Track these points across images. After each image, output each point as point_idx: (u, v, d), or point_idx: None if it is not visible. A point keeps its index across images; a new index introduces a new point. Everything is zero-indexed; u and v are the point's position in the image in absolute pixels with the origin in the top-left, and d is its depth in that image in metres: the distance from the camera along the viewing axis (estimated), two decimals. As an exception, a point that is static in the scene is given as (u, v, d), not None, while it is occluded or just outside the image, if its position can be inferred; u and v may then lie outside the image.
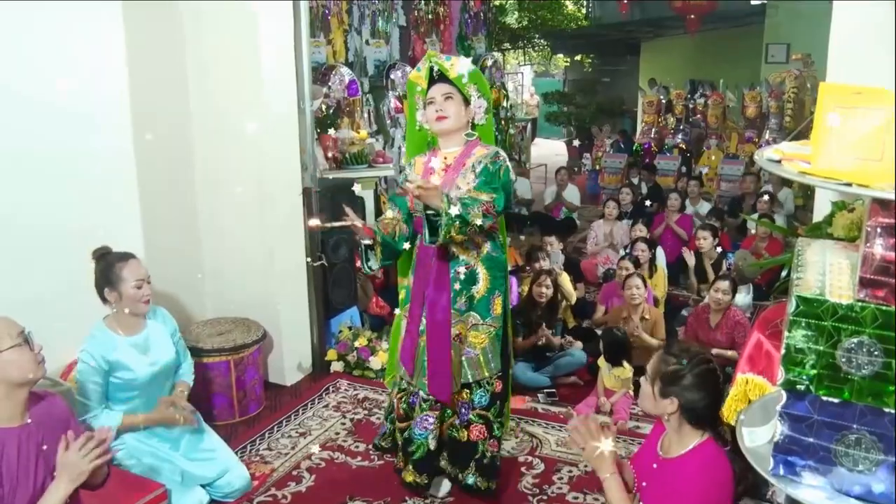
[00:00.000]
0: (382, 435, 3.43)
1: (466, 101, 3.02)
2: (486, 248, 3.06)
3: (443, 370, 3.00)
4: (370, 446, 3.66)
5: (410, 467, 3.14)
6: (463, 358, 3.06)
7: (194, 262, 4.37)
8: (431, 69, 3.01)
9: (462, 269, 3.03)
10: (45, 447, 2.16)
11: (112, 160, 3.64)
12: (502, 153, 3.02)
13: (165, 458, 3.10)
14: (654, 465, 2.25)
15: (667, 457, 2.22)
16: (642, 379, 2.26)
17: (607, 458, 2.17)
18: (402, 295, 3.28)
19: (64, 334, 3.27)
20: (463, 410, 3.14)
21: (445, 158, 3.05)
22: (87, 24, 3.47)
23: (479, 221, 2.79)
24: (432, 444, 3.11)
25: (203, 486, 3.16)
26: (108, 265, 3.01)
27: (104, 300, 3.04)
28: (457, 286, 3.02)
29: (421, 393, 3.09)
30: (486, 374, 3.09)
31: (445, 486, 3.29)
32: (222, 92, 4.15)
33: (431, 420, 3.10)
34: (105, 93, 3.57)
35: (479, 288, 3.05)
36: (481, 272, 3.06)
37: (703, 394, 2.13)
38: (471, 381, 3.09)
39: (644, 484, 2.26)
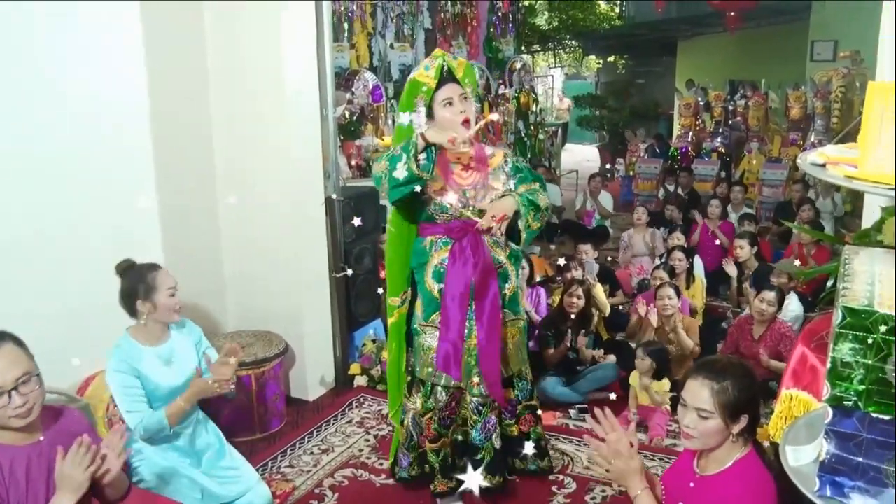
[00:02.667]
0: (409, 466, 3.34)
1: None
2: (510, 243, 3.20)
3: (494, 367, 3.13)
4: (393, 475, 3.52)
5: (484, 472, 3.20)
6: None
7: (215, 274, 4.42)
8: (441, 68, 3.04)
9: (497, 269, 3.14)
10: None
11: (131, 168, 3.70)
12: (510, 151, 3.26)
13: (185, 473, 3.12)
14: (692, 485, 2.21)
15: (705, 474, 2.19)
16: (690, 420, 2.12)
17: (637, 474, 2.14)
18: (418, 306, 3.22)
19: (81, 349, 3.33)
20: (510, 408, 3.32)
21: (459, 158, 3.08)
22: (106, 30, 3.54)
23: (548, 203, 3.13)
24: (498, 443, 3.23)
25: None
26: (139, 276, 3.04)
27: (133, 313, 3.05)
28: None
29: (475, 398, 3.17)
30: (521, 366, 3.31)
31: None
32: (244, 97, 4.19)
33: (493, 420, 3.22)
34: (124, 98, 3.64)
35: (511, 285, 3.23)
36: (510, 269, 3.22)
37: (758, 395, 2.15)
38: (506, 376, 3.24)
39: None
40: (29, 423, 2.13)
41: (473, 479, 3.20)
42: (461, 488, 3.27)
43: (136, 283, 3.03)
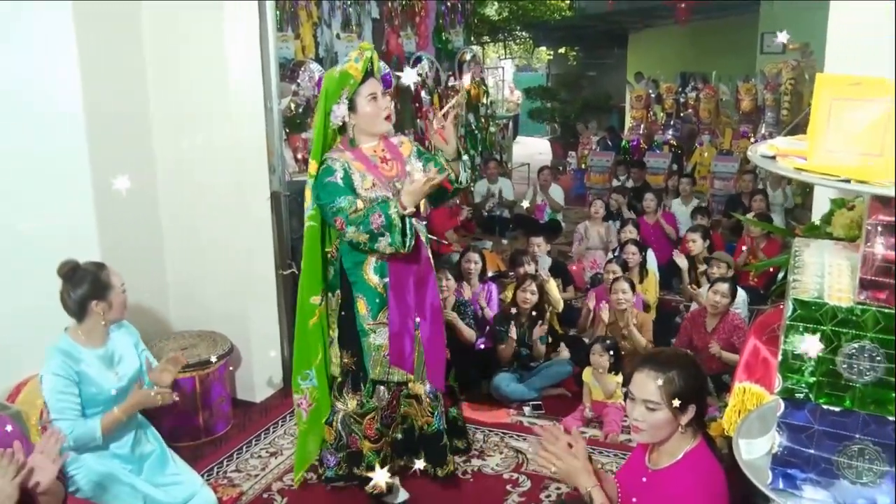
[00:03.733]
0: (336, 466, 3.35)
1: None
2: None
3: (441, 355, 3.30)
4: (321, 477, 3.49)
5: (450, 457, 3.39)
6: None
7: (157, 272, 4.33)
8: (368, 62, 3.11)
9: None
10: None
11: (64, 165, 3.61)
12: (409, 138, 3.42)
13: (126, 481, 3.05)
14: (644, 479, 2.25)
15: (657, 468, 2.23)
16: (639, 413, 2.16)
17: (583, 472, 2.17)
18: (362, 306, 3.19)
19: (12, 353, 3.24)
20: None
21: (375, 152, 3.18)
22: (37, 21, 3.43)
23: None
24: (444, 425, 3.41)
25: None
26: (93, 276, 2.95)
27: (83, 315, 2.96)
28: None
29: (428, 386, 3.28)
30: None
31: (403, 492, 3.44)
32: (184, 90, 4.11)
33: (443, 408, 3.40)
34: (56, 92, 3.55)
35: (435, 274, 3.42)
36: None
37: (704, 385, 2.22)
38: None
39: (634, 500, 2.25)
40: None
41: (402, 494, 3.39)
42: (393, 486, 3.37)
43: (88, 283, 2.94)
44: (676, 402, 2.10)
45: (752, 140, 9.51)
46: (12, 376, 3.42)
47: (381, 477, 3.11)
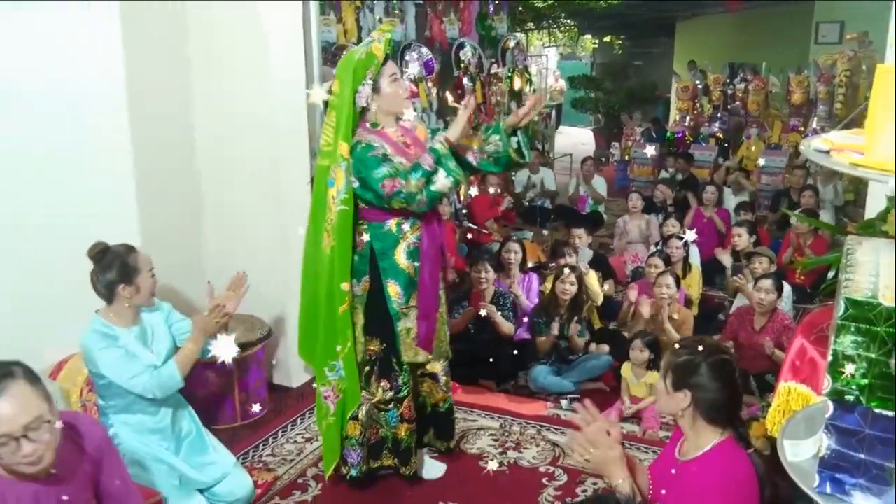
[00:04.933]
0: (360, 463, 3.36)
1: None
2: None
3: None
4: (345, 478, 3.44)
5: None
6: None
7: (196, 255, 4.39)
8: (389, 43, 3.14)
9: None
10: (65, 498, 2.03)
11: (107, 149, 3.66)
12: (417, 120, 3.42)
13: (164, 459, 3.11)
14: (673, 471, 2.25)
15: (685, 459, 2.24)
16: (658, 377, 2.31)
17: (617, 464, 2.17)
18: (394, 291, 3.19)
19: (55, 332, 3.30)
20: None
21: (399, 136, 3.19)
22: (82, 3, 3.48)
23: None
24: None
25: (202, 492, 3.17)
26: (121, 260, 2.99)
27: (111, 297, 3.01)
28: None
29: (442, 363, 3.43)
30: None
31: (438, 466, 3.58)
32: (227, 74, 4.15)
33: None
34: (100, 75, 3.59)
35: None
36: None
37: (718, 385, 2.17)
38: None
39: (663, 492, 2.26)
40: (40, 469, 1.96)
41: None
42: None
43: (116, 267, 2.99)
44: (670, 377, 2.20)
45: (804, 134, 9.34)
46: (55, 353, 3.49)
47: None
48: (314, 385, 3.37)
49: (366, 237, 3.19)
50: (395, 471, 3.41)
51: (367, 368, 3.31)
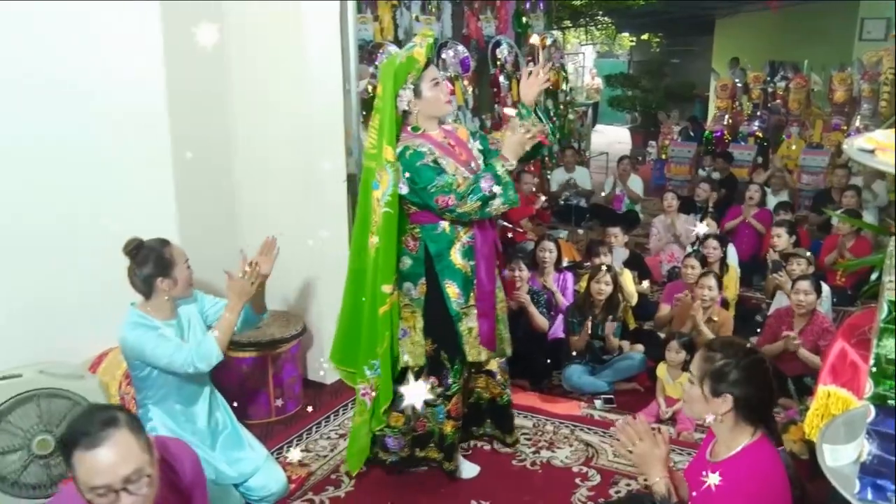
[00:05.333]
0: (400, 450, 3.42)
1: None
2: None
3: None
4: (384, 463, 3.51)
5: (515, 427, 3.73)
6: None
7: (233, 252, 4.42)
8: (430, 48, 3.18)
9: None
10: None
11: (146, 144, 3.72)
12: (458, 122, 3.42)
13: (201, 455, 3.14)
14: (704, 473, 2.23)
15: (715, 461, 2.22)
16: (686, 383, 2.28)
17: (660, 462, 2.16)
18: (453, 292, 3.22)
19: (93, 325, 3.37)
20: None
21: (444, 138, 3.22)
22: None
23: None
24: None
25: (236, 486, 3.21)
26: (157, 253, 3.03)
27: (150, 292, 3.05)
28: None
29: (501, 361, 3.49)
30: None
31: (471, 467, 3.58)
32: (264, 70, 4.19)
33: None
34: (139, 72, 3.65)
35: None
36: None
37: (756, 386, 2.17)
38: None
39: (694, 494, 2.24)
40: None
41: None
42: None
43: (152, 261, 3.02)
44: (708, 383, 2.15)
45: (846, 133, 9.17)
46: (95, 347, 3.55)
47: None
48: (348, 382, 3.44)
49: (418, 240, 3.21)
50: (439, 465, 3.44)
51: (417, 369, 3.33)
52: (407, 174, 3.06)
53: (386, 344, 3.23)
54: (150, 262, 3.02)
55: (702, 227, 5.53)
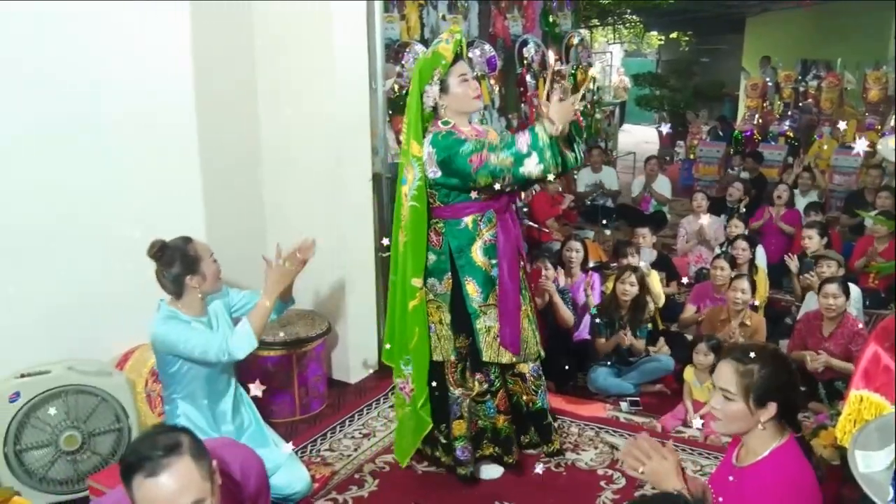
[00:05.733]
0: (468, 461, 3.38)
1: None
2: None
3: (541, 325, 3.55)
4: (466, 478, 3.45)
5: (555, 435, 3.56)
6: None
7: (258, 250, 4.45)
8: (459, 44, 3.18)
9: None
10: None
11: (175, 143, 3.74)
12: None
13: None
14: (730, 478, 2.21)
15: (742, 465, 2.19)
16: (716, 401, 2.17)
17: (671, 474, 2.12)
18: (472, 289, 3.23)
19: (121, 323, 3.40)
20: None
21: (474, 135, 3.20)
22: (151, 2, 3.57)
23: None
24: None
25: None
26: (181, 252, 3.05)
27: (181, 291, 3.07)
28: None
29: (532, 365, 3.39)
30: None
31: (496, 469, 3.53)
32: (291, 69, 4.21)
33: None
34: (167, 70, 3.67)
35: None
36: None
37: (794, 387, 2.16)
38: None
39: (720, 499, 2.21)
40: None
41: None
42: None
43: (178, 260, 3.04)
44: (753, 397, 2.08)
45: (880, 133, 9.03)
46: (122, 344, 3.59)
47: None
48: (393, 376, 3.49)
49: (441, 235, 3.22)
50: (498, 459, 3.46)
51: (461, 365, 3.34)
52: (436, 152, 3.08)
53: (416, 339, 3.24)
54: (177, 262, 3.04)
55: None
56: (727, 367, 2.15)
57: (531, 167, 2.94)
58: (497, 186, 3.04)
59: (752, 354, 2.13)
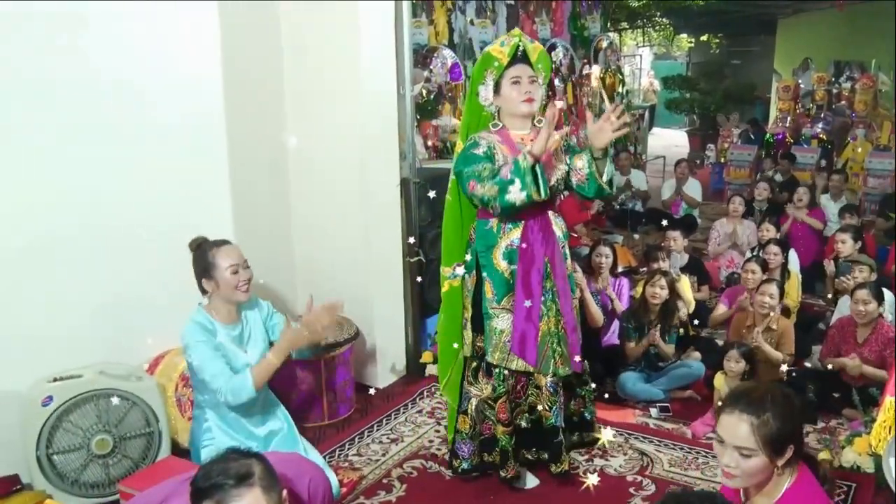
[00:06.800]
0: (470, 457, 3.43)
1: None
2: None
3: (576, 342, 3.32)
4: (457, 471, 3.52)
5: (565, 455, 3.37)
6: None
7: (286, 255, 4.48)
8: (516, 48, 3.18)
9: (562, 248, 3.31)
10: None
11: (204, 146, 3.79)
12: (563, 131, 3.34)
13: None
14: None
15: None
16: (730, 458, 2.03)
17: None
18: (488, 290, 3.25)
19: (153, 327, 3.44)
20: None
21: (522, 139, 3.21)
22: (181, 7, 3.61)
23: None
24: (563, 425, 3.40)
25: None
26: (202, 255, 3.11)
27: (203, 291, 3.14)
28: None
29: (551, 379, 3.27)
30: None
31: (533, 479, 3.47)
32: (319, 74, 4.22)
33: (563, 400, 3.39)
34: (197, 73, 3.72)
35: (568, 264, 3.37)
36: (566, 247, 3.37)
37: (801, 417, 2.12)
38: None
39: None
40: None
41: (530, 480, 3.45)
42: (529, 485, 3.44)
43: (200, 260, 3.11)
44: (772, 448, 1.97)
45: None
46: (153, 349, 3.63)
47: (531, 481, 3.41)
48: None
49: (474, 233, 3.32)
50: (496, 471, 3.43)
51: (475, 364, 3.37)
52: (454, 161, 3.23)
53: (441, 323, 3.48)
54: (196, 262, 3.12)
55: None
56: (740, 423, 2.00)
57: (515, 194, 2.96)
58: (491, 212, 3.16)
59: (762, 402, 2.01)
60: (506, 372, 3.27)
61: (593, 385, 3.67)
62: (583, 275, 4.68)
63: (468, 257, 3.32)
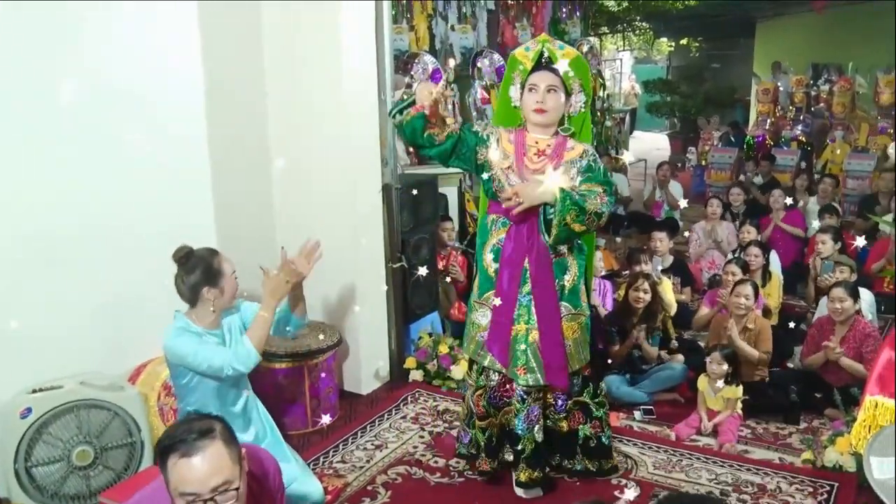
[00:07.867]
0: (469, 443, 3.51)
1: (567, 94, 3.19)
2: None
3: (558, 354, 3.20)
4: (451, 462, 3.69)
5: (523, 465, 3.30)
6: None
7: (269, 262, 4.45)
8: (541, 54, 3.20)
9: (555, 259, 3.21)
10: None
11: (185, 153, 3.77)
12: (592, 149, 3.23)
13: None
14: None
15: None
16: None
17: None
18: (475, 283, 3.37)
19: (133, 337, 3.41)
20: (559, 402, 3.38)
21: (537, 143, 3.21)
22: (161, 12, 3.59)
23: (604, 209, 3.04)
24: (539, 436, 3.30)
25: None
26: (206, 263, 3.05)
27: (195, 300, 3.06)
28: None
29: (520, 385, 3.24)
30: (577, 365, 3.32)
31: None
32: (300, 81, 4.23)
33: (536, 412, 3.29)
34: (178, 80, 3.70)
35: (570, 276, 3.26)
36: (570, 260, 3.26)
37: None
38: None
39: None
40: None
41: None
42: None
43: (200, 270, 3.04)
44: None
45: (893, 137, 9.00)
46: (135, 359, 3.61)
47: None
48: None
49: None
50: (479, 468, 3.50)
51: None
52: None
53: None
54: (199, 271, 3.03)
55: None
56: None
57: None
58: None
59: None
60: (485, 364, 3.32)
61: (608, 406, 3.59)
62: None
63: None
